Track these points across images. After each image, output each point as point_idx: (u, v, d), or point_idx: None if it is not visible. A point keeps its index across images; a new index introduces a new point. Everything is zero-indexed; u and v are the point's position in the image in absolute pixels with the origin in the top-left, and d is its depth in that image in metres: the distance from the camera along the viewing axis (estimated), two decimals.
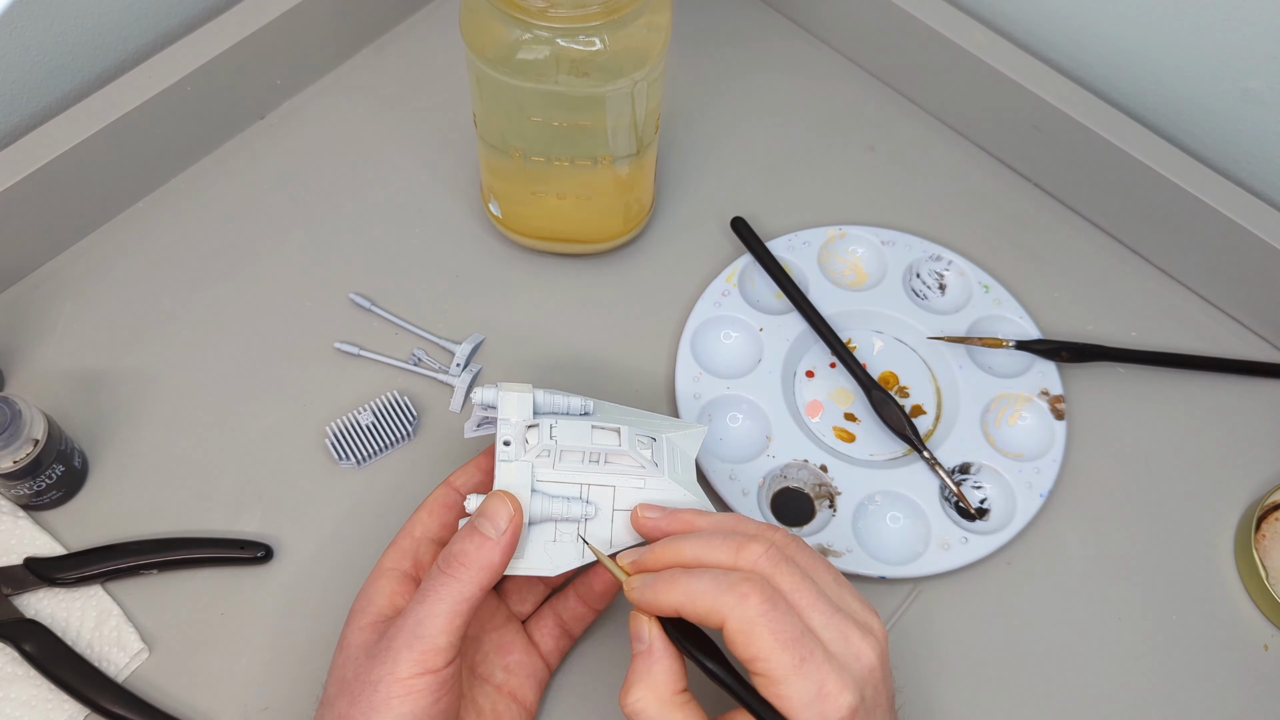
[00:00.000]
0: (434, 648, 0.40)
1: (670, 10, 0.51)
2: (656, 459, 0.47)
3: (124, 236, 0.62)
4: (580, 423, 0.47)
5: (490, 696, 0.46)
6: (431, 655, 0.40)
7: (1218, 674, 0.52)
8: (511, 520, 0.43)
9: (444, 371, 0.58)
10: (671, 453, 0.48)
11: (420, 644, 0.40)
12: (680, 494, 0.46)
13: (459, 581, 0.41)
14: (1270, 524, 0.54)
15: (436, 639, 0.40)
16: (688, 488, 0.47)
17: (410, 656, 0.40)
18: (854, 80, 0.70)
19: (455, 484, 0.48)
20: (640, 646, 0.41)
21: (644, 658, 0.40)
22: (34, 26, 0.59)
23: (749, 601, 0.38)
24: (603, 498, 0.46)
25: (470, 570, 0.41)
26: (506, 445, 0.45)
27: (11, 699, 0.48)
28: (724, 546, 0.41)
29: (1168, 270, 0.63)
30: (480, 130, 0.55)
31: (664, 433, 0.49)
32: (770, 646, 0.37)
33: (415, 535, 0.47)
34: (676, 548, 0.42)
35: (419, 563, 0.46)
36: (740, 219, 0.62)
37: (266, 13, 0.62)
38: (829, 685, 0.37)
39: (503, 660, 0.47)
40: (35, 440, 0.49)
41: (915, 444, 0.55)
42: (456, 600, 0.41)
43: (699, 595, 0.39)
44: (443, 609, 0.41)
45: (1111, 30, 0.62)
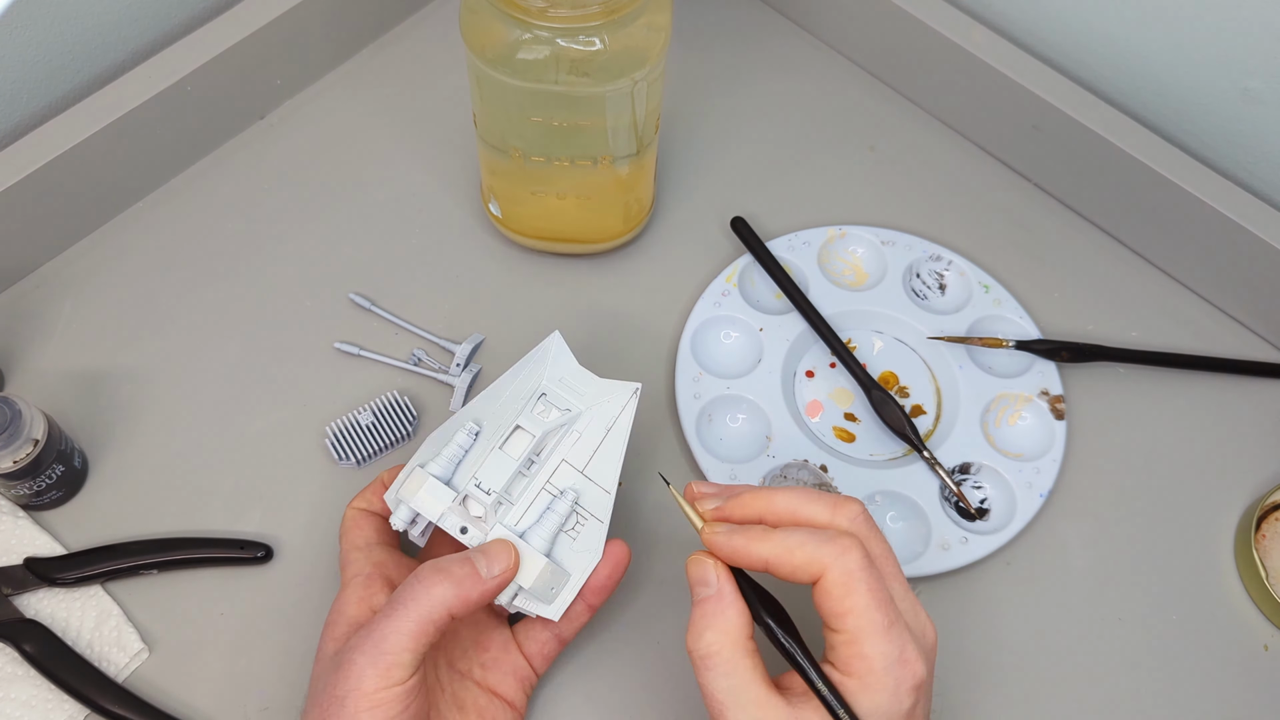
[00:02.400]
0: (397, 662, 0.40)
1: (670, 10, 0.51)
2: (562, 405, 0.47)
3: (124, 236, 0.62)
4: (491, 453, 0.45)
5: (470, 690, 0.46)
6: (395, 670, 0.40)
7: (1218, 674, 0.52)
8: (505, 572, 0.43)
9: (444, 371, 0.58)
10: (562, 384, 0.48)
11: (383, 660, 0.40)
12: (605, 404, 0.47)
13: (431, 599, 0.41)
14: (1270, 524, 0.54)
15: (400, 655, 0.40)
16: (602, 392, 0.47)
17: (374, 672, 0.40)
18: (854, 80, 0.70)
19: (359, 507, 0.48)
20: (707, 590, 0.40)
21: (714, 601, 0.39)
22: (34, 26, 0.59)
23: (851, 555, 0.38)
24: (566, 476, 0.46)
25: (446, 589, 0.41)
26: (465, 533, 0.44)
27: (11, 699, 0.48)
28: (820, 503, 0.40)
29: (1168, 270, 0.63)
30: (480, 130, 0.55)
31: (539, 377, 0.48)
32: (867, 603, 0.37)
33: (360, 545, 0.47)
34: (769, 498, 0.41)
35: (379, 562, 0.46)
36: (740, 219, 0.62)
37: (266, 13, 0.62)
38: (909, 652, 0.37)
39: (480, 656, 0.47)
40: (35, 440, 0.49)
41: (915, 444, 0.55)
42: (424, 617, 0.40)
43: (797, 546, 0.38)
44: (408, 627, 0.40)
45: (1111, 30, 0.62)
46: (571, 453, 0.47)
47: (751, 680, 0.38)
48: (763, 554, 0.39)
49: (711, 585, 0.40)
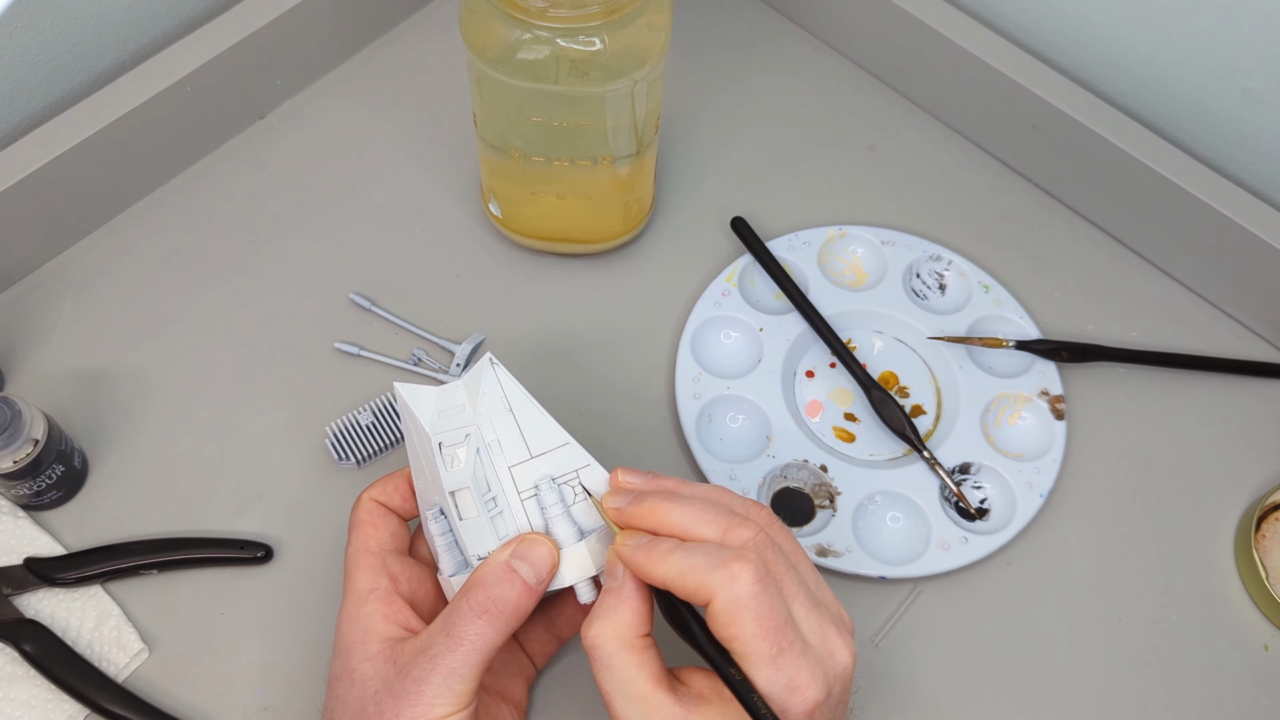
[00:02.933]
0: (467, 690, 0.40)
1: (670, 10, 0.51)
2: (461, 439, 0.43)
3: (124, 236, 0.62)
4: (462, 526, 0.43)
5: (480, 697, 0.46)
6: (465, 697, 0.40)
7: (1218, 674, 0.52)
8: (551, 570, 0.42)
9: (444, 371, 0.58)
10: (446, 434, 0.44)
11: (455, 688, 0.40)
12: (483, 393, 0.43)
13: (493, 629, 0.40)
14: (1270, 524, 0.54)
15: (468, 683, 0.40)
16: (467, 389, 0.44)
17: (444, 702, 0.40)
18: (854, 80, 0.70)
19: (378, 498, 0.46)
20: (612, 583, 0.40)
21: (614, 594, 0.40)
22: (34, 26, 0.59)
23: (739, 582, 0.37)
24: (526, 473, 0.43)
25: (505, 617, 0.41)
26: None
27: (11, 699, 0.48)
28: (714, 522, 0.40)
29: (1168, 270, 0.63)
30: (480, 130, 0.55)
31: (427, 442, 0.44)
32: (752, 632, 0.37)
33: (373, 550, 0.45)
34: (665, 511, 0.40)
35: (393, 576, 0.44)
36: (740, 219, 0.62)
37: (266, 13, 0.62)
38: (800, 679, 0.37)
39: None
40: (35, 440, 0.49)
41: (915, 444, 0.55)
42: (489, 648, 0.40)
43: (689, 572, 0.38)
44: (475, 659, 0.40)
45: (1111, 30, 0.62)
46: (509, 455, 0.43)
47: (635, 677, 0.38)
48: (660, 575, 0.39)
49: (616, 578, 0.40)
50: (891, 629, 0.52)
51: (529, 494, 0.43)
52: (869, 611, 0.52)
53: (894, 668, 0.51)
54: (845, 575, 0.53)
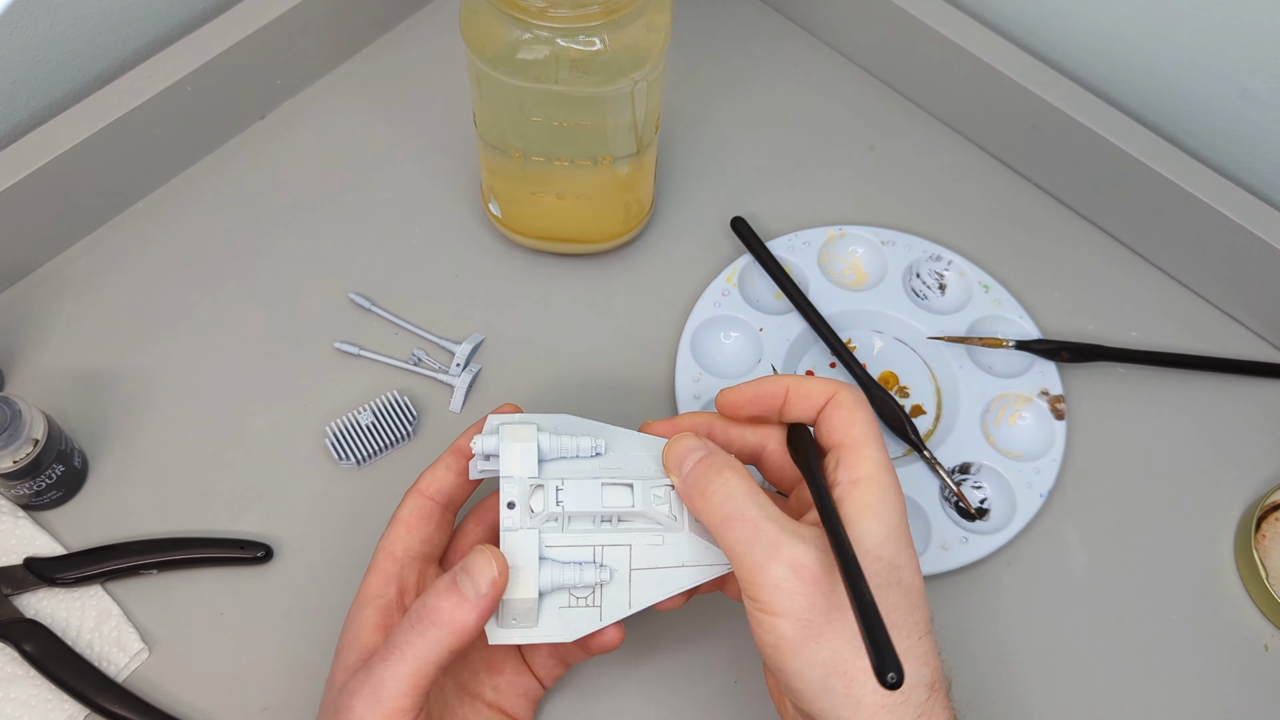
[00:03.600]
0: (396, 709, 0.38)
1: (670, 10, 0.51)
2: (675, 511, 0.43)
3: (124, 236, 0.62)
4: (589, 481, 0.43)
5: (483, 714, 0.45)
6: (394, 716, 0.38)
7: (1218, 674, 0.52)
8: (494, 584, 0.39)
9: (444, 371, 0.58)
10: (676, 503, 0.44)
11: (380, 707, 0.38)
12: (702, 548, 0.43)
13: (426, 641, 0.39)
14: (1270, 524, 0.54)
15: (399, 701, 0.38)
16: (709, 538, 0.43)
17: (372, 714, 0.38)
18: (854, 80, 0.70)
19: (427, 492, 0.45)
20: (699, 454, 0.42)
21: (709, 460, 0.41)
22: (34, 26, 0.59)
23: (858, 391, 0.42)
24: (619, 558, 0.43)
25: (440, 630, 0.39)
26: (511, 508, 0.42)
27: (11, 699, 0.48)
28: None
29: (1168, 270, 0.63)
30: (480, 130, 0.55)
31: None
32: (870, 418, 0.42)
33: (397, 555, 0.44)
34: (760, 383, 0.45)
35: (404, 588, 0.44)
36: (740, 219, 0.62)
37: (266, 13, 0.62)
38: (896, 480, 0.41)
39: (492, 680, 0.46)
40: (35, 440, 0.49)
41: (915, 444, 0.55)
42: (421, 662, 0.38)
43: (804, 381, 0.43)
44: (405, 670, 0.38)
45: (1111, 30, 0.62)
46: (641, 549, 0.43)
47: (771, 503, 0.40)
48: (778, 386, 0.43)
49: (700, 449, 0.42)
50: None
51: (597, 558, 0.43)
52: None
53: None
54: None
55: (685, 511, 0.44)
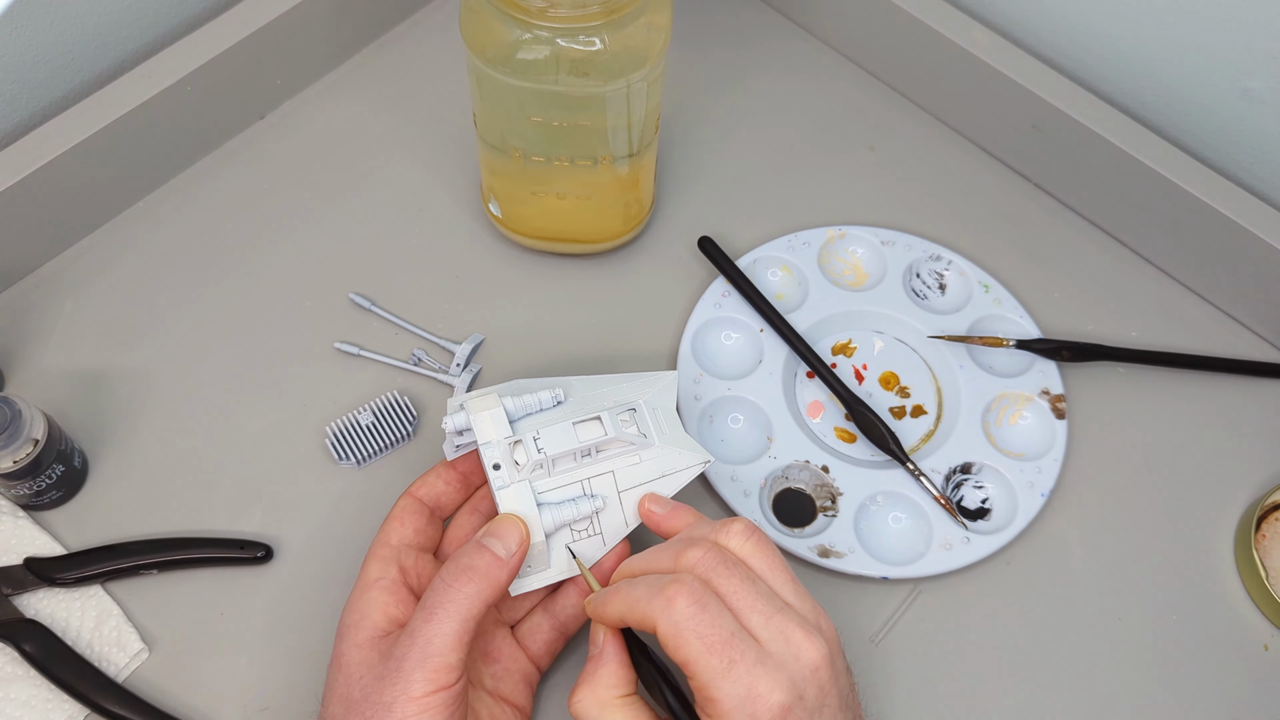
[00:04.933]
0: (445, 665, 0.40)
1: (670, 10, 0.51)
2: (643, 429, 0.48)
3: (124, 236, 0.62)
4: (562, 424, 0.47)
5: (484, 700, 0.46)
6: (443, 673, 0.40)
7: (1218, 674, 0.52)
8: (521, 544, 0.43)
9: (444, 371, 0.58)
10: (654, 415, 0.49)
11: (431, 662, 0.40)
12: (675, 454, 0.48)
13: (466, 597, 0.41)
14: (1270, 524, 0.54)
15: (447, 656, 0.40)
16: (679, 443, 0.48)
17: (423, 676, 0.40)
18: (854, 80, 0.70)
19: (418, 495, 0.48)
20: (593, 650, 0.42)
21: (593, 661, 0.42)
22: (34, 26, 0.59)
23: (675, 605, 0.39)
24: (605, 485, 0.47)
25: (477, 584, 0.41)
26: (497, 469, 0.46)
27: (11, 699, 0.48)
28: (667, 553, 0.42)
29: (1168, 270, 0.63)
30: (480, 130, 0.55)
31: (639, 396, 0.49)
32: (698, 651, 0.38)
33: (393, 544, 0.46)
34: (628, 561, 0.44)
35: (404, 568, 0.46)
36: (708, 238, 0.60)
37: (266, 13, 0.62)
38: (760, 687, 0.38)
39: (490, 667, 0.47)
40: (35, 440, 0.49)
41: (899, 457, 0.55)
42: (464, 616, 0.41)
43: (633, 604, 0.40)
44: (451, 626, 0.41)
45: (1111, 30, 0.62)
46: (623, 471, 0.47)
47: None
48: (612, 615, 0.41)
49: (596, 645, 0.43)
50: (892, 629, 0.52)
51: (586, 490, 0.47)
52: (870, 612, 0.52)
53: (894, 668, 0.51)
54: (847, 576, 0.53)
55: (651, 424, 0.48)
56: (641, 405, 0.49)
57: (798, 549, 0.52)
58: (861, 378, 0.59)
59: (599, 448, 0.47)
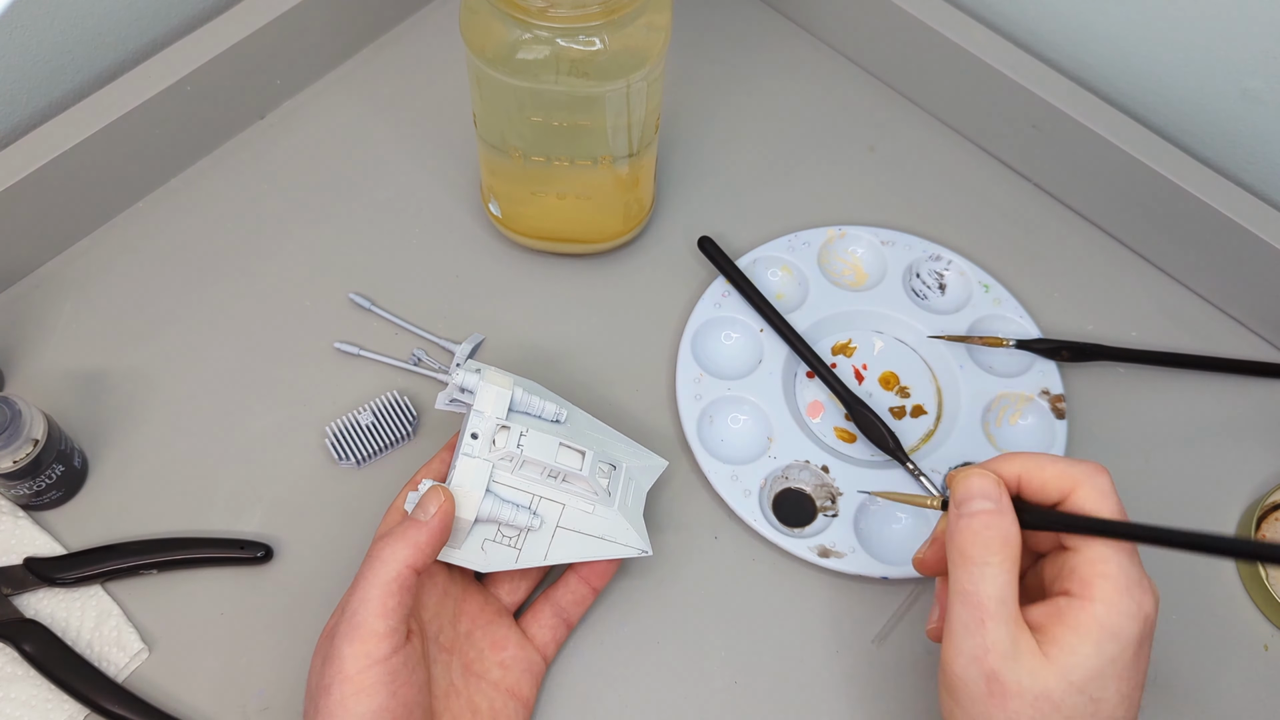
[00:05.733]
0: (371, 634, 0.40)
1: (670, 10, 0.51)
2: (611, 488, 0.48)
3: (124, 236, 0.62)
4: (549, 437, 0.47)
5: (487, 695, 0.46)
6: (372, 643, 0.40)
7: (1218, 674, 0.52)
8: (441, 507, 0.43)
9: (444, 371, 0.58)
10: (626, 484, 0.50)
11: (357, 634, 0.40)
12: (624, 528, 0.48)
13: (383, 563, 0.41)
14: (1270, 524, 0.54)
15: (373, 624, 0.40)
16: (632, 522, 0.49)
17: (352, 650, 0.40)
18: (854, 80, 0.70)
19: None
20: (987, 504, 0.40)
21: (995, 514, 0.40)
22: (34, 26, 0.59)
23: (1102, 476, 0.40)
24: (550, 511, 0.48)
25: (394, 549, 0.42)
26: (474, 439, 0.46)
27: (11, 699, 0.48)
28: None
29: (1168, 270, 0.63)
30: (480, 130, 0.55)
31: (626, 460, 0.50)
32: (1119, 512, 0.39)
33: None
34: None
35: None
36: (708, 238, 0.61)
37: (266, 13, 0.62)
38: (1146, 582, 0.38)
39: (498, 656, 0.47)
40: (35, 440, 0.49)
41: (899, 457, 0.55)
42: (384, 582, 0.41)
43: (1049, 462, 0.40)
44: (374, 593, 0.41)
45: (1111, 30, 0.62)
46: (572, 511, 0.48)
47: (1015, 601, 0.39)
48: (1014, 468, 0.40)
49: (992, 499, 0.40)
50: (893, 629, 0.52)
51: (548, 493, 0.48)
52: (870, 612, 0.52)
53: (895, 668, 0.51)
54: (847, 576, 0.53)
55: (621, 490, 0.48)
56: (624, 468, 0.50)
57: (798, 549, 0.52)
58: (861, 378, 0.59)
59: (567, 477, 0.48)
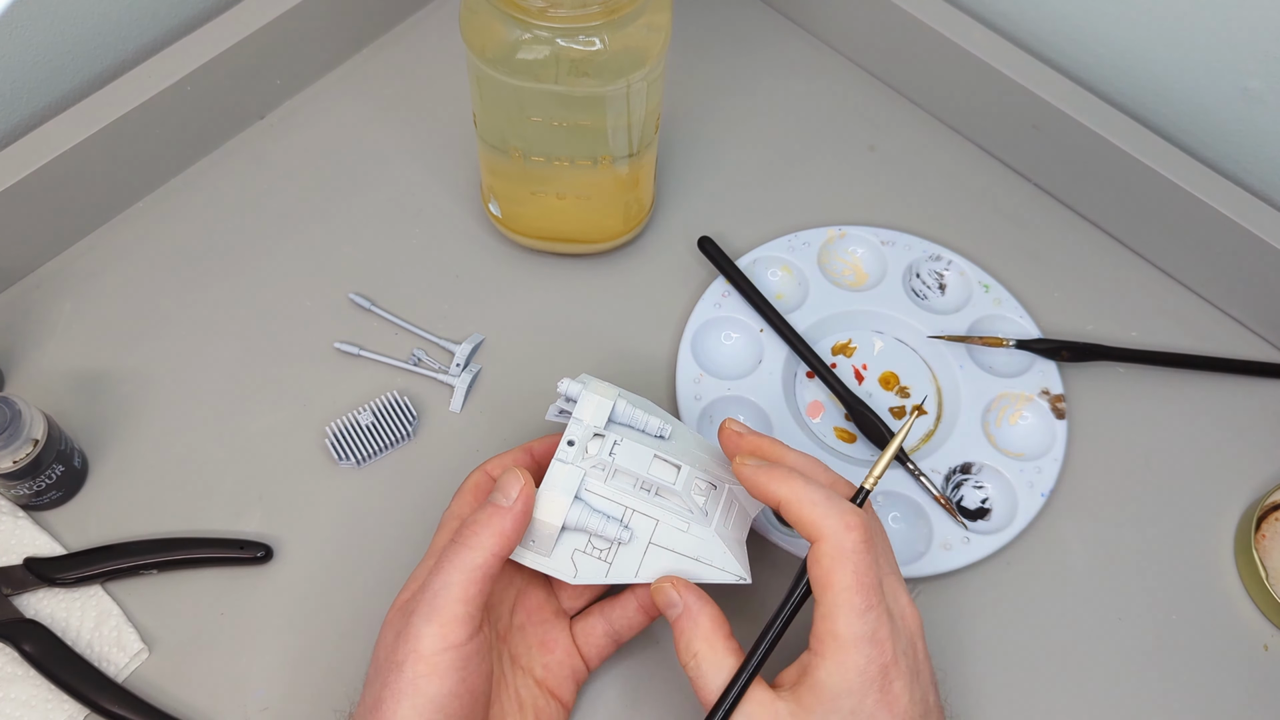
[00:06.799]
0: (452, 617, 0.40)
1: (670, 10, 0.51)
2: (709, 508, 0.46)
3: (124, 236, 0.62)
4: (644, 448, 0.46)
5: (530, 689, 0.46)
6: (451, 627, 0.40)
7: (1218, 674, 0.52)
8: (521, 490, 0.43)
9: (444, 371, 0.58)
10: (729, 506, 0.47)
11: (438, 616, 0.40)
12: (720, 551, 0.45)
13: (470, 549, 0.41)
14: (1270, 524, 0.54)
15: (454, 608, 0.40)
16: (730, 546, 0.45)
17: (430, 631, 0.40)
18: (854, 80, 0.70)
19: (492, 472, 0.48)
20: (676, 610, 0.42)
21: (686, 615, 0.42)
22: (34, 26, 0.59)
23: (852, 534, 0.39)
24: (643, 526, 0.45)
25: (481, 536, 0.41)
26: (570, 445, 0.45)
27: (11, 699, 0.48)
28: (825, 474, 0.43)
29: (1168, 270, 0.63)
30: (480, 130, 0.55)
31: (731, 483, 0.47)
32: (848, 583, 0.38)
33: (461, 518, 0.46)
34: (781, 451, 0.43)
35: None
36: (708, 238, 0.61)
37: (266, 13, 0.62)
38: (882, 633, 0.39)
39: (544, 657, 0.47)
40: (35, 440, 0.49)
41: (899, 457, 0.54)
42: (469, 568, 0.41)
43: (809, 504, 0.40)
44: (457, 578, 0.41)
45: (1111, 30, 0.62)
46: (666, 528, 0.45)
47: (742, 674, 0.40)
48: (780, 494, 0.41)
49: (677, 605, 0.42)
50: None
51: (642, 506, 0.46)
52: None
53: None
54: None
55: (720, 511, 0.46)
56: (726, 490, 0.46)
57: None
58: (861, 378, 0.59)
59: (661, 491, 0.45)
